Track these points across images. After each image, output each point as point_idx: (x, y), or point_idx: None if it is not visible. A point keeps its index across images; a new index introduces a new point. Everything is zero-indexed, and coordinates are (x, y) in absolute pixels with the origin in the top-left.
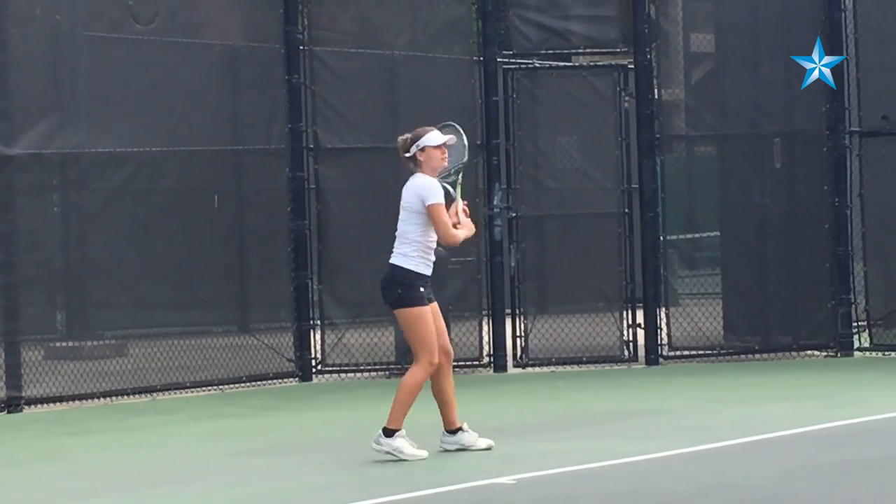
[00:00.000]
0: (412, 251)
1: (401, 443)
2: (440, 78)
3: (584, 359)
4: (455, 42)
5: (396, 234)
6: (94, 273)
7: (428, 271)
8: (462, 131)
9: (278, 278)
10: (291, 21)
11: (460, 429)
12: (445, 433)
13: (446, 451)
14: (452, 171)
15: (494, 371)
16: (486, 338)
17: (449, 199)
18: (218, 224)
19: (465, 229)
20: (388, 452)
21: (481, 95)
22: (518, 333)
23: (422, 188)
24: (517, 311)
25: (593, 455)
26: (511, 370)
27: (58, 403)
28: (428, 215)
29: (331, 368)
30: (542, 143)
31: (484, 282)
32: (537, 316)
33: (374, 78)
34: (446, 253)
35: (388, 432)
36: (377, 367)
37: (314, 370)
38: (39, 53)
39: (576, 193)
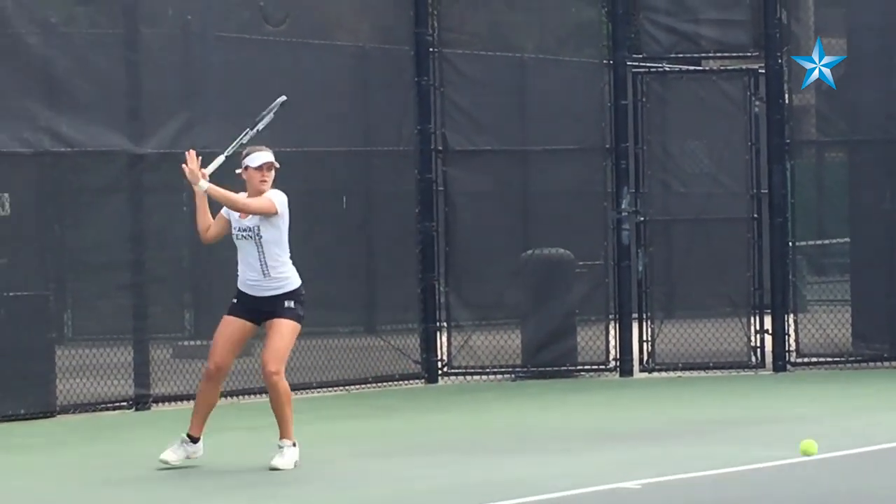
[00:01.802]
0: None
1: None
2: (569, 81)
3: (711, 364)
4: (584, 45)
5: None
6: (221, 272)
7: (244, 288)
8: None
9: (405, 280)
10: (421, 23)
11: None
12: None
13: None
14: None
15: (621, 375)
16: (612, 342)
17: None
18: (346, 225)
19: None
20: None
21: (610, 99)
22: (645, 338)
23: None
24: (644, 316)
25: (718, 461)
26: (637, 375)
27: (185, 402)
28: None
29: (457, 370)
30: (671, 147)
31: (611, 286)
32: (664, 320)
33: (503, 80)
34: (573, 256)
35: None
36: (503, 369)
37: (440, 372)
38: (170, 53)
39: (704, 198)
